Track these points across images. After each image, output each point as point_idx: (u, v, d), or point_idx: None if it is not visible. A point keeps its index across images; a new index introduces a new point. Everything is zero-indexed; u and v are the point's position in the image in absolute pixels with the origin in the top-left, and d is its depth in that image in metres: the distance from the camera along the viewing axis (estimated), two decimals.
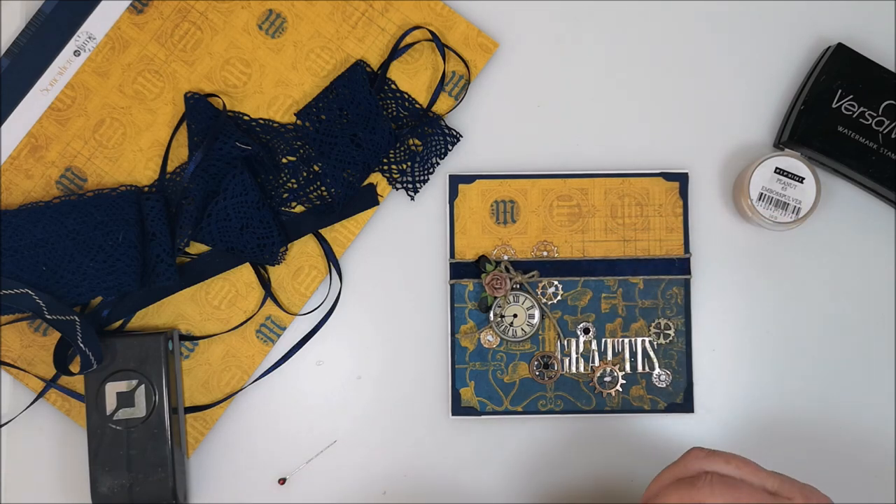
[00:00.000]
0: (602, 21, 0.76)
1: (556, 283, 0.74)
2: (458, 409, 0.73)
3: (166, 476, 0.70)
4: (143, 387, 0.70)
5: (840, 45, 0.73)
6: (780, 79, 0.76)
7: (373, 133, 0.73)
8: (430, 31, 0.74)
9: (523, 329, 0.73)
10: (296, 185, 0.74)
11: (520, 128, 0.76)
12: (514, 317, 0.73)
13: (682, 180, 0.74)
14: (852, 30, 0.76)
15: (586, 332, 0.74)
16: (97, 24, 0.74)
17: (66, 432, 0.74)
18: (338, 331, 0.75)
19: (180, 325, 0.74)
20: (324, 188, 0.73)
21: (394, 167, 0.74)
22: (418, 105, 0.75)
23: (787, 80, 0.76)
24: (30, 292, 0.69)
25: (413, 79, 0.75)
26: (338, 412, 0.74)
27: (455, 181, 0.74)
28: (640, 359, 0.73)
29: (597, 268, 0.74)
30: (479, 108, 0.76)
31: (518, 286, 0.73)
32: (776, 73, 0.76)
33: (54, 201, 0.71)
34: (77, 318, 0.69)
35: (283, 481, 0.74)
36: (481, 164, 0.75)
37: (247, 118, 0.74)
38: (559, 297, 0.74)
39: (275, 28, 0.75)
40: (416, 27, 0.75)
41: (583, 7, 0.76)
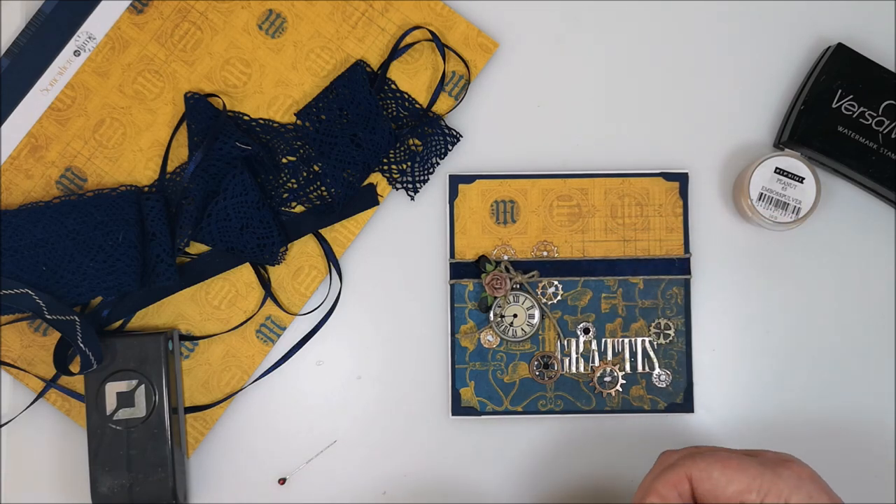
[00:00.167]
0: (602, 21, 0.76)
1: (556, 283, 0.74)
2: (458, 409, 0.73)
3: (166, 476, 0.70)
4: (143, 387, 0.70)
5: (840, 45, 0.73)
6: (780, 79, 0.76)
7: (373, 133, 0.73)
8: (430, 31, 0.74)
9: (523, 329, 0.73)
10: (296, 185, 0.74)
11: (520, 128, 0.76)
12: (514, 317, 0.73)
13: (682, 180, 0.74)
14: (852, 30, 0.76)
15: (586, 332, 0.74)
16: (97, 24, 0.74)
17: (66, 432, 0.74)
18: (338, 331, 0.75)
19: (180, 325, 0.74)
20: (324, 188, 0.73)
21: (394, 167, 0.74)
22: (418, 105, 0.75)
23: (787, 80, 0.76)
24: (30, 292, 0.69)
25: (413, 79, 0.75)
26: (338, 412, 0.74)
27: (455, 181, 0.74)
28: (640, 359, 0.73)
29: (597, 268, 0.74)
30: (479, 108, 0.76)
31: (518, 286, 0.73)
32: (776, 73, 0.76)
33: (54, 201, 0.71)
34: (77, 318, 0.69)
35: (283, 481, 0.74)
36: (481, 164, 0.75)
37: (247, 118, 0.74)
38: (559, 297, 0.74)
39: (275, 28, 0.75)
40: (416, 27, 0.75)
41: (583, 7, 0.76)
